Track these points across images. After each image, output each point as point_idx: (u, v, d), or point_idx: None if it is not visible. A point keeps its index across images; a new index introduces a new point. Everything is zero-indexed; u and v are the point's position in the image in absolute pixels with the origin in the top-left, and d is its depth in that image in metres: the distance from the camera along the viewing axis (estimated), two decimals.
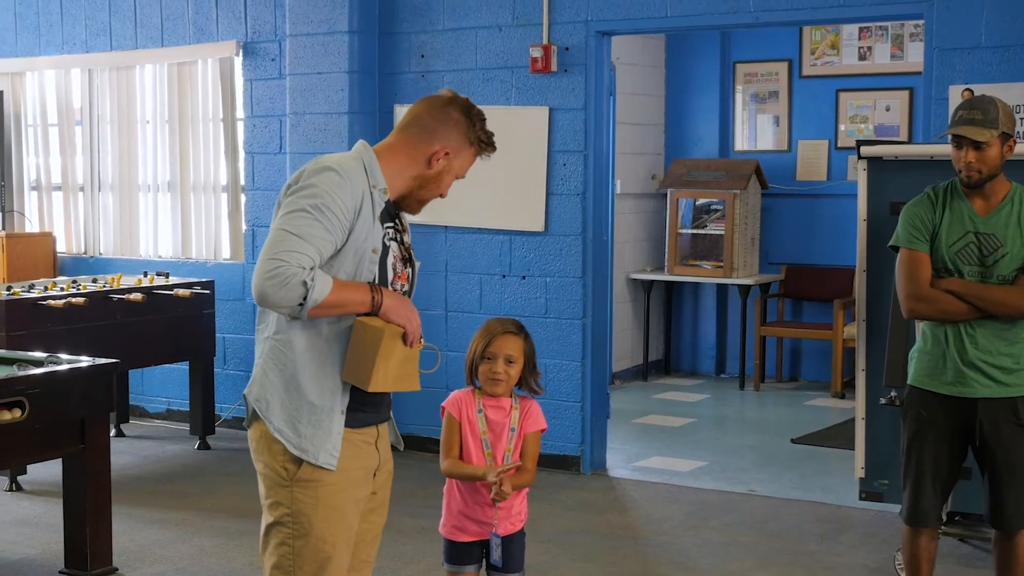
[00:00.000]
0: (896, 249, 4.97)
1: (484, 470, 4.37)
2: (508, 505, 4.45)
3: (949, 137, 4.87)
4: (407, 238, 3.83)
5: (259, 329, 3.71)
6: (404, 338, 3.62)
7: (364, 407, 3.68)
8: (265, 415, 3.62)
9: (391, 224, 3.72)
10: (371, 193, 3.60)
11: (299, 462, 3.59)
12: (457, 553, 4.53)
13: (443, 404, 4.55)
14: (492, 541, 4.42)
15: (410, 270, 3.82)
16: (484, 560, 4.54)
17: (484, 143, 3.80)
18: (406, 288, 3.78)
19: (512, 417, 4.49)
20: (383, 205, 3.65)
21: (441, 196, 3.83)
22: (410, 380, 3.68)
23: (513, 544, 4.50)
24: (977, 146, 4.75)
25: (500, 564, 4.45)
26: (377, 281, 3.62)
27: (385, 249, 3.67)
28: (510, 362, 4.45)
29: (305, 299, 3.42)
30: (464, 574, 4.54)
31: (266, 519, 3.67)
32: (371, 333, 3.55)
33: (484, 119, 3.80)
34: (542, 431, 4.60)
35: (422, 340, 3.71)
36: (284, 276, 3.40)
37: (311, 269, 3.44)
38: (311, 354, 3.59)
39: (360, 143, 3.74)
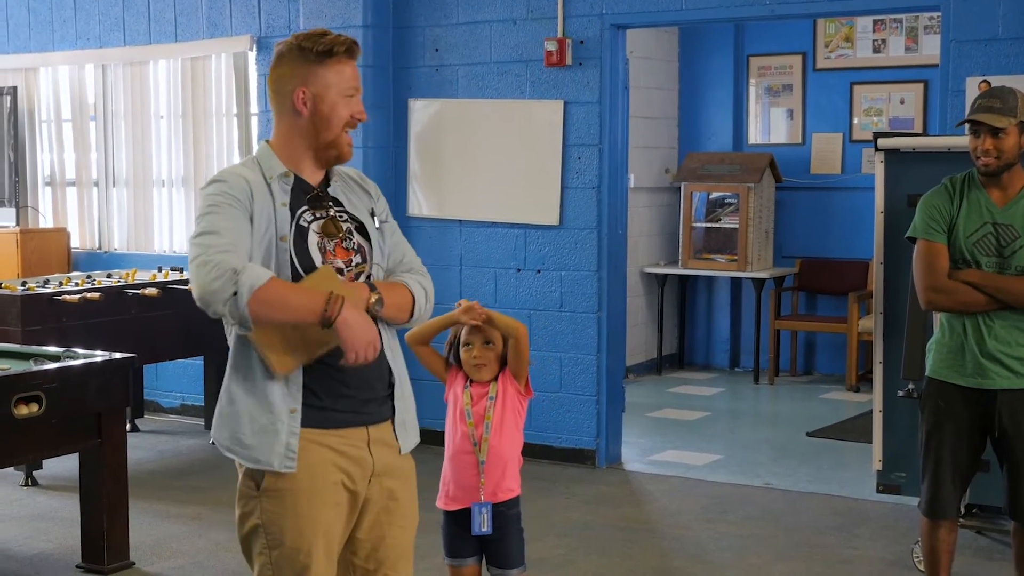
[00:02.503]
0: (913, 240, 4.96)
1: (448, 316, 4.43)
2: (495, 470, 4.45)
3: (966, 127, 4.85)
4: (362, 207, 3.64)
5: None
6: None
7: (337, 406, 3.49)
8: (216, 438, 3.53)
9: (307, 207, 3.50)
10: (267, 185, 3.46)
11: (263, 473, 3.45)
12: (453, 541, 4.53)
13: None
14: (473, 511, 4.43)
15: (362, 241, 3.58)
16: (483, 555, 4.55)
17: (322, 51, 3.47)
18: (357, 260, 3.55)
19: (491, 388, 4.49)
20: (288, 191, 3.48)
21: (359, 120, 3.54)
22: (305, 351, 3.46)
23: (508, 527, 4.49)
24: (995, 133, 4.73)
25: (489, 532, 4.45)
26: (300, 267, 3.43)
27: (302, 232, 3.47)
28: (488, 343, 4.46)
29: (236, 292, 3.24)
30: (464, 567, 4.56)
31: (240, 531, 3.55)
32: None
33: (319, 34, 3.50)
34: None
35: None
36: (209, 265, 3.26)
37: (237, 256, 3.30)
38: (239, 359, 3.47)
39: (260, 144, 3.60)
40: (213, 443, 3.57)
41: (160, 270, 8.77)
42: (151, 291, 8.12)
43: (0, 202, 10.10)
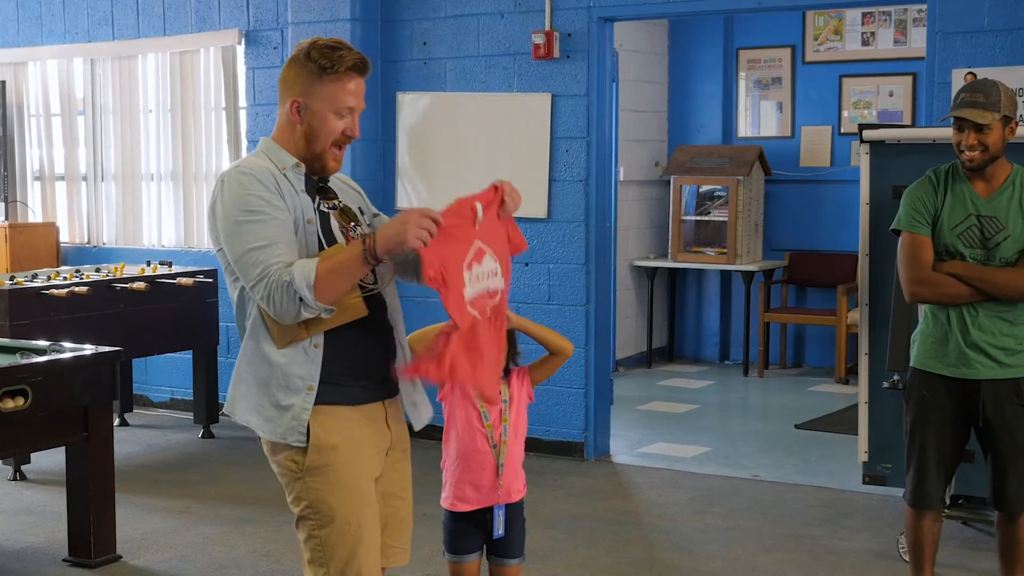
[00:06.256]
0: (898, 232, 4.97)
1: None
2: (511, 472, 4.43)
3: (951, 120, 4.86)
4: (353, 204, 3.72)
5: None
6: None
7: (360, 383, 3.61)
8: (232, 412, 3.62)
9: (319, 196, 3.62)
10: (284, 175, 3.54)
11: (304, 451, 3.52)
12: (458, 538, 4.50)
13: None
14: (496, 514, 4.42)
15: (364, 231, 3.66)
16: (484, 547, 4.53)
17: (324, 65, 3.52)
18: None
19: (503, 392, 4.48)
20: (302, 180, 3.58)
21: (349, 137, 3.60)
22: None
23: (514, 521, 4.49)
24: (979, 129, 4.74)
25: (504, 535, 4.44)
26: (325, 246, 3.53)
27: (324, 217, 3.59)
28: None
29: (301, 296, 3.35)
30: (466, 563, 4.51)
31: (295, 517, 3.62)
32: None
33: (331, 46, 3.55)
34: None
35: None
36: (274, 294, 3.37)
37: (288, 265, 3.38)
38: (257, 332, 3.55)
39: (261, 139, 3.67)
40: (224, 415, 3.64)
41: (149, 264, 8.77)
42: (140, 285, 8.11)
43: None
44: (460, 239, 3.46)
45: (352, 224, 3.64)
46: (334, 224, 3.61)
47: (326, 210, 3.61)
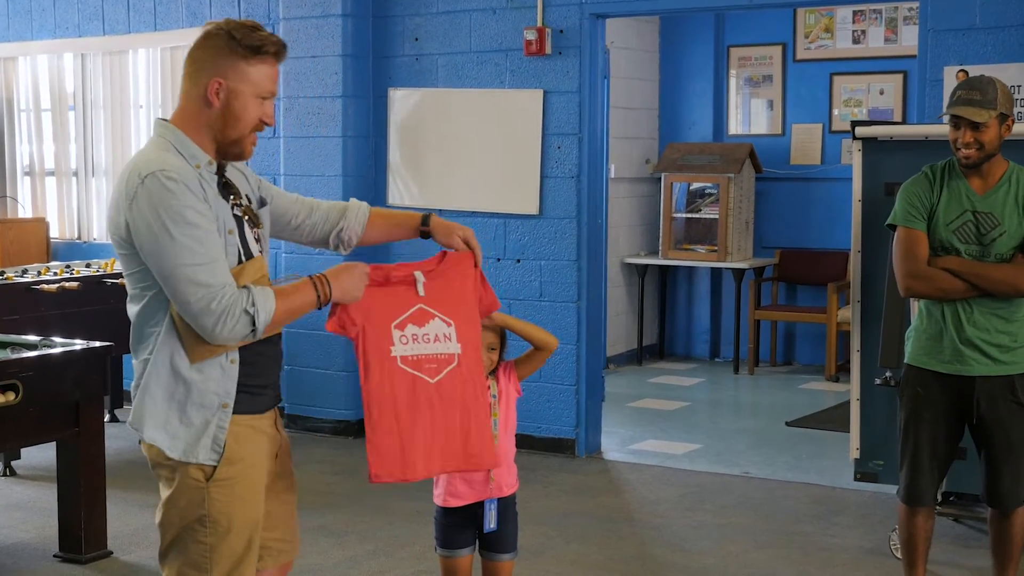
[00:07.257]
0: (893, 228, 4.97)
1: None
2: (503, 466, 4.43)
3: (947, 117, 4.86)
4: (244, 189, 3.57)
5: (137, 351, 3.53)
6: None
7: (264, 392, 3.55)
8: (138, 427, 3.45)
9: (232, 197, 3.47)
10: (200, 175, 3.35)
11: (214, 465, 3.41)
12: (450, 534, 4.50)
13: None
14: (487, 508, 4.42)
15: (259, 230, 3.58)
16: (476, 541, 4.53)
17: (255, 47, 3.34)
18: (257, 249, 3.55)
19: (491, 388, 4.48)
20: (215, 180, 3.41)
21: (268, 124, 3.45)
22: None
23: (507, 516, 4.49)
24: (975, 127, 4.74)
25: (496, 528, 4.44)
26: (243, 257, 3.42)
27: (239, 223, 3.45)
28: (492, 349, 4.45)
29: (255, 327, 3.30)
30: (457, 558, 4.51)
31: (175, 522, 3.46)
32: None
33: (251, 26, 3.38)
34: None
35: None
36: (223, 316, 3.26)
37: (245, 291, 3.30)
38: (168, 347, 3.42)
39: (159, 124, 3.44)
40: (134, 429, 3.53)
41: None
42: None
43: None
44: (396, 296, 3.70)
45: (255, 229, 3.54)
46: (246, 230, 3.49)
47: (239, 215, 3.47)
